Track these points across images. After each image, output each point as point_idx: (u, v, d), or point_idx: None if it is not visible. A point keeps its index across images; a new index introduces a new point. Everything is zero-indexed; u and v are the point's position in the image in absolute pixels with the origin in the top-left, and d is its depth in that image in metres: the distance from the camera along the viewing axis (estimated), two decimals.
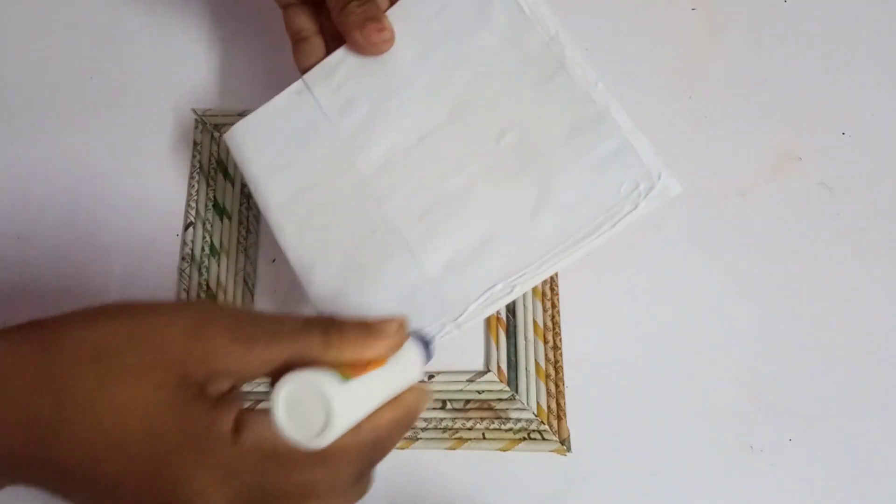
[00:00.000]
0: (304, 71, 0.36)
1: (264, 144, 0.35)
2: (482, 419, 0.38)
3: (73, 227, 0.43)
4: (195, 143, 0.44)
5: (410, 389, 0.26)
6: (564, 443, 0.38)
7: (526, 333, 0.40)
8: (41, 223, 0.43)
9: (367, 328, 0.24)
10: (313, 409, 0.21)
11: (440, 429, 0.38)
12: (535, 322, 0.40)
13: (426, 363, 0.29)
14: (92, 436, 0.20)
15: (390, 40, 0.34)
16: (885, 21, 0.45)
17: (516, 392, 0.39)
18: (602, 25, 0.45)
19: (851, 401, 0.38)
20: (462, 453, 0.38)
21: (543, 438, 0.38)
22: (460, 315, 0.32)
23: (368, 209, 0.34)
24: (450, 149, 0.33)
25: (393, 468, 0.39)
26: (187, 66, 0.46)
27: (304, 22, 0.36)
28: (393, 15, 0.35)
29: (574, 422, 0.38)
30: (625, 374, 0.39)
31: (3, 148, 0.45)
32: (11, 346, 0.21)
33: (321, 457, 0.22)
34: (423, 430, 0.38)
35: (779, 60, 0.44)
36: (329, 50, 0.36)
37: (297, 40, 0.36)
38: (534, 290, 0.40)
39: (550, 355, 0.39)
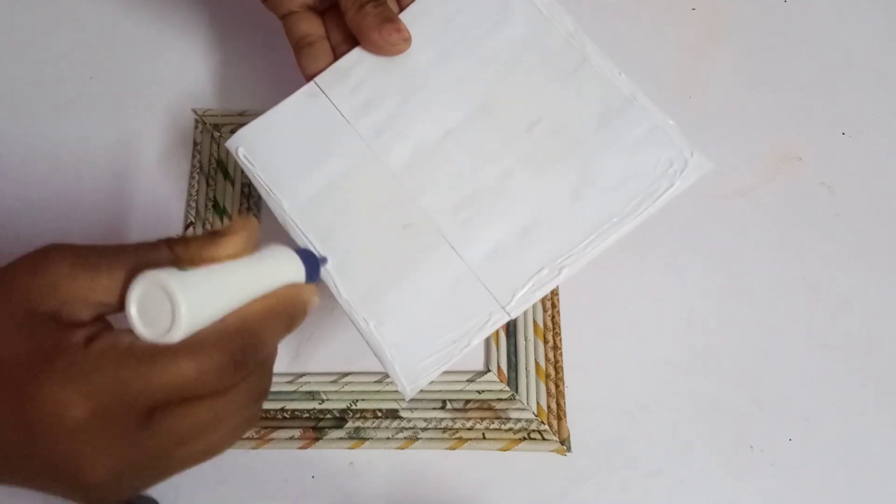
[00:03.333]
0: (310, 76, 0.35)
1: (276, 149, 0.35)
2: (482, 419, 0.38)
3: (73, 227, 0.43)
4: (195, 143, 0.44)
5: (287, 285, 0.25)
6: (564, 443, 0.38)
7: (526, 333, 0.40)
8: (41, 223, 0.43)
9: (213, 232, 0.24)
10: (163, 306, 0.21)
11: (440, 429, 0.38)
12: (535, 322, 0.40)
13: (309, 278, 0.27)
14: None
15: (408, 40, 0.34)
16: (885, 21, 0.45)
17: (516, 392, 0.39)
18: (602, 25, 0.45)
19: (851, 401, 0.38)
20: (462, 453, 0.38)
21: (543, 438, 0.38)
22: (509, 303, 0.32)
23: (400, 205, 0.34)
24: (481, 141, 0.34)
25: (393, 468, 0.39)
26: (187, 66, 0.46)
27: (309, 27, 0.36)
28: (409, 16, 0.35)
29: (574, 422, 0.38)
30: (625, 374, 0.39)
31: (3, 147, 0.45)
32: None
33: (182, 347, 0.21)
34: (423, 430, 0.38)
35: (779, 60, 0.44)
36: (335, 55, 0.36)
37: (303, 45, 0.36)
38: None
39: (550, 355, 0.39)
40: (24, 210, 0.43)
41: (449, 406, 0.39)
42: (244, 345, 0.23)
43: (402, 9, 0.35)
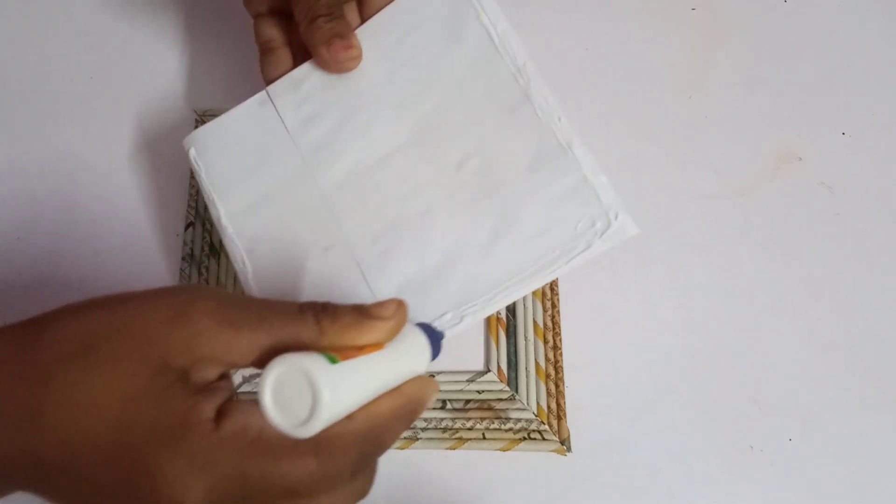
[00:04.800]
0: (269, 82, 0.35)
1: (221, 154, 0.35)
2: (482, 419, 0.38)
3: (74, 228, 0.43)
4: None
5: (413, 379, 0.24)
6: (564, 443, 0.38)
7: (526, 333, 0.40)
8: (41, 223, 0.43)
9: (363, 311, 0.23)
10: (301, 394, 0.20)
11: (440, 429, 0.38)
12: (535, 322, 0.40)
13: (433, 357, 0.27)
14: (68, 429, 0.20)
15: (357, 58, 0.33)
16: (885, 21, 0.45)
17: (516, 392, 0.39)
18: (602, 25, 0.45)
19: (851, 401, 0.38)
20: (462, 453, 0.38)
21: (543, 438, 0.38)
22: None
23: (325, 226, 0.33)
24: (411, 172, 0.33)
25: (393, 468, 0.39)
26: (187, 66, 0.46)
27: (273, 33, 0.35)
28: (363, 32, 0.34)
29: (574, 422, 0.38)
30: (625, 374, 0.39)
31: (3, 148, 0.45)
32: None
33: (310, 446, 0.20)
34: (423, 430, 0.38)
35: (779, 60, 0.44)
36: (297, 63, 0.35)
37: (265, 51, 0.35)
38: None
39: (550, 355, 0.39)
40: (24, 211, 0.43)
41: (449, 406, 0.39)
42: (370, 451, 0.22)
43: (363, 20, 0.34)
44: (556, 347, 0.39)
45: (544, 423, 0.38)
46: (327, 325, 0.22)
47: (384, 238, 0.33)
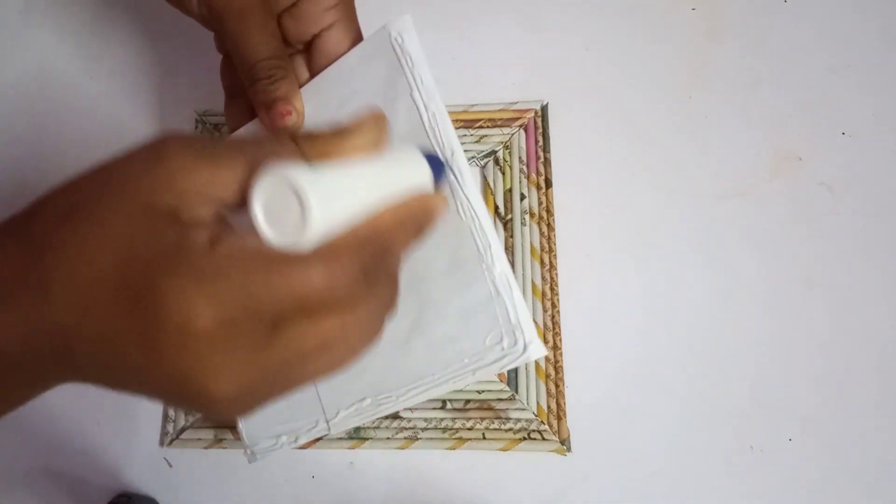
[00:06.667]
0: (232, 129, 0.35)
1: None
2: (482, 419, 0.38)
3: None
4: None
5: (418, 194, 0.24)
6: (564, 443, 0.38)
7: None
8: None
9: (340, 125, 0.23)
10: (291, 206, 0.19)
11: (440, 429, 0.38)
12: (535, 322, 0.40)
13: (435, 177, 0.26)
14: (73, 289, 0.19)
15: (296, 123, 0.32)
16: (885, 21, 0.45)
17: (516, 392, 0.39)
18: (602, 25, 0.45)
19: (851, 401, 0.38)
20: (462, 453, 0.38)
21: (543, 438, 0.38)
22: (333, 418, 0.33)
23: None
24: None
25: (393, 468, 0.39)
26: (187, 66, 0.46)
27: (234, 78, 0.34)
28: (308, 91, 0.33)
29: (574, 422, 0.38)
30: (625, 374, 0.39)
31: (3, 149, 0.45)
32: None
33: (313, 256, 0.20)
34: (423, 430, 0.38)
35: (779, 60, 0.44)
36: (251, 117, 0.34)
37: (227, 96, 0.35)
38: (534, 289, 0.40)
39: (550, 355, 0.39)
40: None
41: (449, 406, 0.39)
42: (375, 254, 0.21)
43: (313, 73, 0.33)
44: (556, 347, 0.39)
45: (544, 423, 0.38)
46: (304, 140, 0.22)
47: None
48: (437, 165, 0.27)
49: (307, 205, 0.19)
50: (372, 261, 0.21)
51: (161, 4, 0.29)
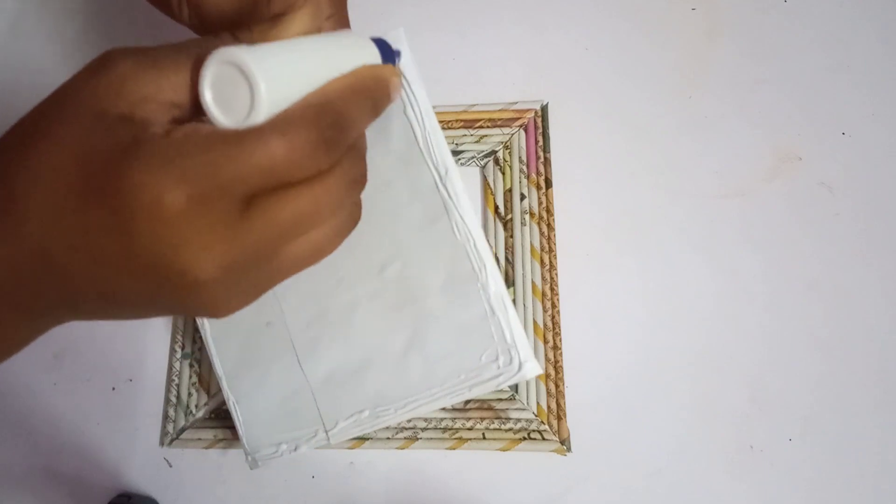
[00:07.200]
0: None
1: None
2: (482, 419, 0.38)
3: None
4: None
5: (367, 65, 0.24)
6: (564, 443, 0.38)
7: (526, 334, 0.40)
8: None
9: (278, 16, 0.23)
10: (239, 87, 0.19)
11: (440, 429, 0.38)
12: (535, 322, 0.40)
13: (384, 59, 0.26)
14: (43, 202, 0.19)
15: None
16: (885, 21, 0.45)
17: (516, 392, 0.39)
18: (602, 25, 0.45)
19: (851, 401, 0.38)
20: (462, 453, 0.38)
21: (543, 438, 0.38)
22: (332, 429, 0.33)
23: (267, 302, 0.34)
24: (339, 266, 0.33)
25: (393, 468, 0.39)
26: None
27: None
28: None
29: (574, 422, 0.38)
30: (625, 374, 0.39)
31: None
32: None
33: (268, 126, 0.20)
34: (423, 430, 0.38)
35: (779, 60, 0.44)
36: None
37: None
38: (534, 289, 0.40)
39: (550, 355, 0.39)
40: None
41: (449, 406, 0.39)
42: (332, 122, 0.21)
43: None
44: (556, 347, 0.39)
45: (544, 423, 0.38)
46: (245, 35, 0.22)
47: (315, 324, 0.34)
48: (387, 51, 0.26)
49: (254, 80, 0.19)
50: (330, 130, 0.21)
51: (153, 12, 0.29)
